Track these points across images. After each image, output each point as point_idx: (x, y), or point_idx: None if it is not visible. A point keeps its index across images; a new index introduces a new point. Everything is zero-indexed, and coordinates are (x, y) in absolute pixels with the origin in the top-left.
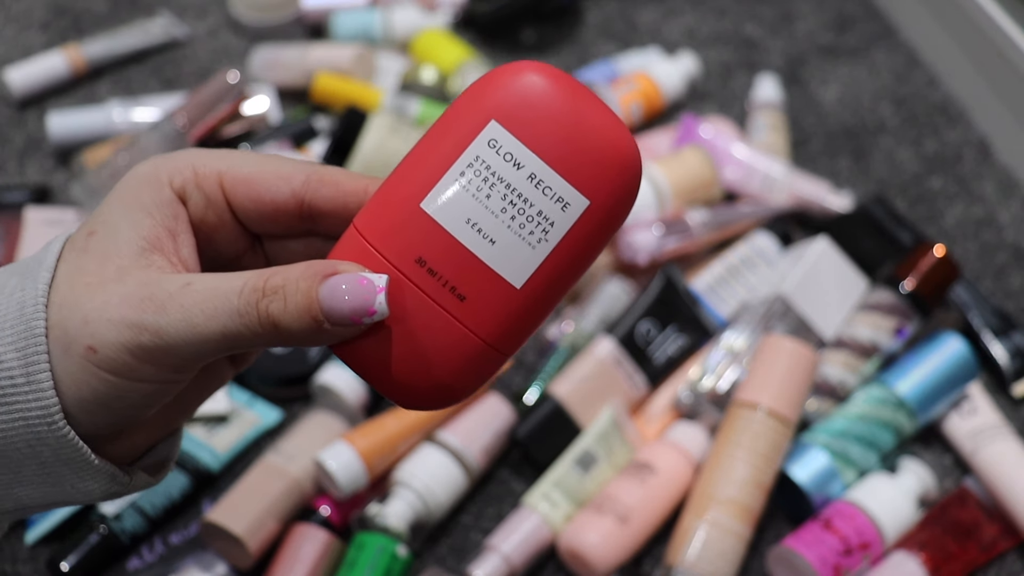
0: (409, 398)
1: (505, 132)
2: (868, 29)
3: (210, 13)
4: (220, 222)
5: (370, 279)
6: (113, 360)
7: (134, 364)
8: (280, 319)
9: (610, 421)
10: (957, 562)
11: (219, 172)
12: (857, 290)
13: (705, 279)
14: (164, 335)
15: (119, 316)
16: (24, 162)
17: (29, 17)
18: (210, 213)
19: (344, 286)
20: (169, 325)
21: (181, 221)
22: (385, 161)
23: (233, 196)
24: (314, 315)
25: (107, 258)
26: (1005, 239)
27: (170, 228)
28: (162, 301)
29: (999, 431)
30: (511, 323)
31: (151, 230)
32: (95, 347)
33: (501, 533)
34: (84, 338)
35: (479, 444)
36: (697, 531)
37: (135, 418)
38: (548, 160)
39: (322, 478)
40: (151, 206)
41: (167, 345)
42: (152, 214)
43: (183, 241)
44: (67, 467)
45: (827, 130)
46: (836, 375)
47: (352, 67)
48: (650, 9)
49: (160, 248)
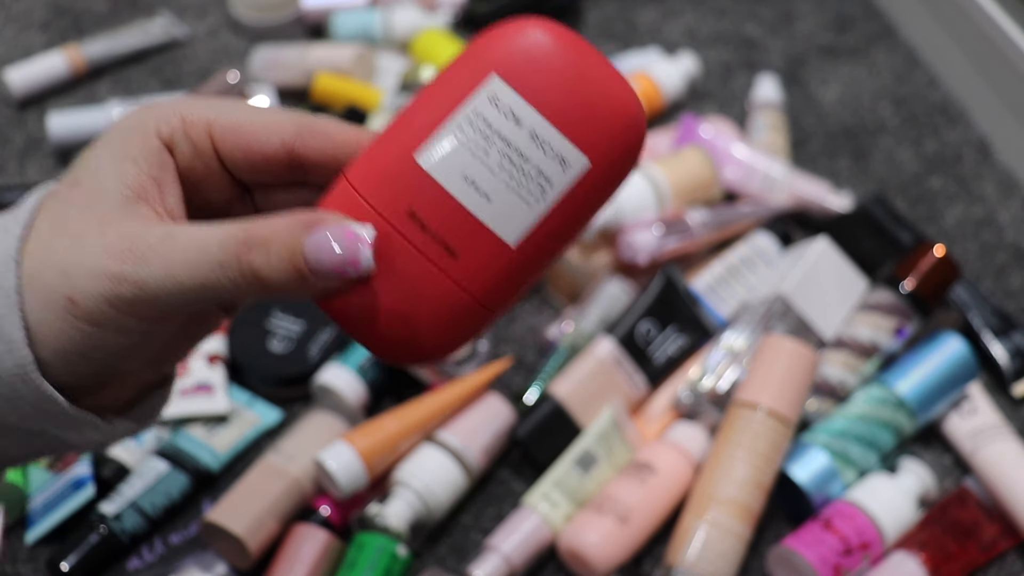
0: (393, 352)
1: (506, 86)
2: (868, 29)
3: (210, 13)
4: (208, 171)
5: (356, 231)
6: (93, 311)
7: (114, 315)
8: (262, 271)
9: (610, 421)
10: (957, 562)
11: (208, 121)
12: (857, 290)
13: (705, 279)
14: (144, 286)
15: (99, 267)
16: (24, 162)
17: (29, 17)
18: (198, 162)
19: (329, 237)
20: (150, 276)
21: (168, 170)
22: None
23: (222, 145)
24: (297, 267)
25: (90, 208)
26: (1005, 239)
27: (156, 177)
28: (143, 252)
29: (999, 431)
30: (502, 281)
31: (136, 179)
32: (75, 298)
33: (501, 533)
34: (64, 289)
35: (479, 444)
36: (697, 531)
37: (117, 368)
38: (549, 116)
39: (322, 478)
40: (137, 155)
41: (148, 296)
42: (138, 163)
43: (169, 190)
44: (46, 418)
45: (827, 130)
46: (836, 375)
47: (352, 67)
48: (650, 9)
49: (145, 197)
